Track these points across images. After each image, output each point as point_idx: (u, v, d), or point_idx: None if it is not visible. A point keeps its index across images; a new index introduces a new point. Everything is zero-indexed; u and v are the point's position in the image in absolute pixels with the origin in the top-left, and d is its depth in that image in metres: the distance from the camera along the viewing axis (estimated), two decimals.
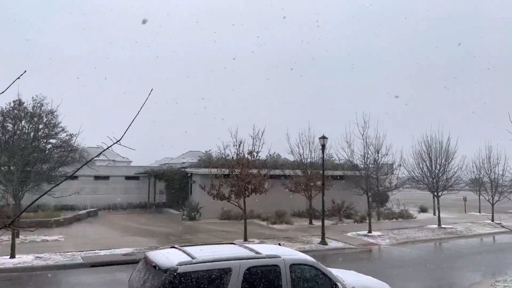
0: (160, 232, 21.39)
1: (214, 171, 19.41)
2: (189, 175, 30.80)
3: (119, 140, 4.19)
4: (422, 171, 26.36)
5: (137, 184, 35.22)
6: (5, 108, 19.14)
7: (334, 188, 26.46)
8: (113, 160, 38.55)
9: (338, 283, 7.06)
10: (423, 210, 34.44)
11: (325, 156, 20.41)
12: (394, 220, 28.78)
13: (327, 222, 20.40)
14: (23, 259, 13.96)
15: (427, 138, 26.33)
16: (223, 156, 19.91)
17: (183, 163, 43.69)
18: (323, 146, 19.27)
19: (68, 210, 28.51)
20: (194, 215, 26.38)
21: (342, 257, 16.06)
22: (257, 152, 18.97)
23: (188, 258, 6.33)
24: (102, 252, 15.57)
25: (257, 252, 6.95)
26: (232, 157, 18.95)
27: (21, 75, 4.09)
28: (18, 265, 13.26)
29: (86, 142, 21.25)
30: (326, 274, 7.09)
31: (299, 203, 27.84)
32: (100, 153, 4.53)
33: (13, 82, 4.11)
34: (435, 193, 26.31)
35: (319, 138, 19.29)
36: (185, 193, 31.39)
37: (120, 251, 15.74)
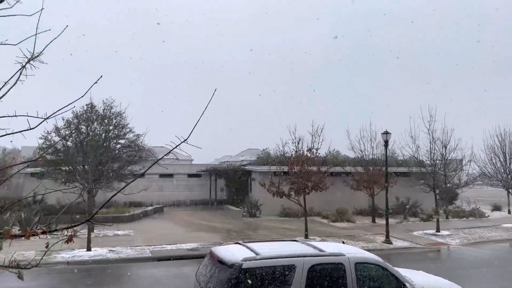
0: (222, 228, 21.91)
1: (273, 168, 19.51)
2: (248, 172, 31.21)
3: (186, 139, 4.35)
4: (495, 167, 24.68)
5: (199, 181, 36.37)
6: (79, 112, 20.60)
7: (398, 185, 25.47)
8: (176, 159, 40.05)
9: (406, 283, 6.81)
10: (496, 208, 32.08)
11: (388, 152, 19.72)
12: (464, 218, 27.12)
13: (391, 221, 19.67)
14: (98, 252, 14.97)
15: (500, 131, 24.56)
16: (282, 153, 19.93)
17: (242, 161, 44.31)
18: (386, 142, 18.62)
19: (136, 206, 30.06)
20: (254, 212, 26.70)
21: (409, 257, 15.45)
22: (317, 149, 18.77)
23: (252, 254, 6.43)
24: (169, 247, 16.26)
25: (320, 250, 6.89)
26: (291, 155, 18.91)
27: (98, 80, 4.37)
28: (94, 258, 14.25)
29: (152, 142, 22.26)
30: (393, 273, 6.87)
31: (360, 200, 27.16)
32: (169, 152, 4.70)
33: (91, 87, 4.40)
34: (510, 190, 24.44)
35: (382, 133, 18.66)
36: (245, 190, 31.84)
37: (185, 246, 16.35)
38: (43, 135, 19.89)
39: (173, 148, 4.46)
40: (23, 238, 4.13)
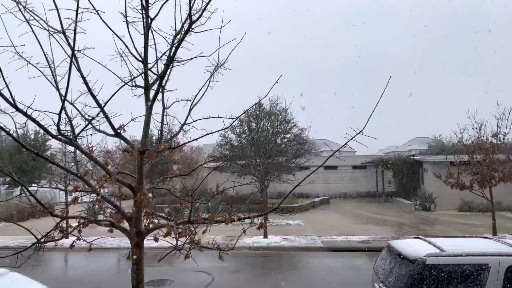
0: (393, 221, 20.99)
1: (450, 158, 17.77)
2: (418, 163, 29.12)
3: (361, 131, 4.32)
4: None
5: (364, 173, 35.56)
6: (249, 110, 22.43)
7: None
8: (354, 151, 40.03)
9: None
10: None
11: None
12: None
13: None
14: (273, 239, 16.10)
15: None
16: (460, 141, 17.94)
17: (410, 150, 41.62)
18: None
19: (303, 197, 31.23)
20: (428, 206, 24.79)
21: None
22: (504, 134, 16.29)
23: (436, 250, 5.99)
24: (339, 238, 16.40)
25: None
26: (472, 142, 16.85)
27: (278, 79, 4.70)
28: (270, 244, 15.38)
29: (314, 136, 22.87)
30: None
31: None
32: (345, 144, 4.73)
33: (272, 87, 4.77)
34: None
35: None
36: (415, 182, 29.81)
37: (355, 238, 16.24)
38: (221, 133, 22.38)
39: (350, 139, 4.49)
40: (222, 224, 4.73)
